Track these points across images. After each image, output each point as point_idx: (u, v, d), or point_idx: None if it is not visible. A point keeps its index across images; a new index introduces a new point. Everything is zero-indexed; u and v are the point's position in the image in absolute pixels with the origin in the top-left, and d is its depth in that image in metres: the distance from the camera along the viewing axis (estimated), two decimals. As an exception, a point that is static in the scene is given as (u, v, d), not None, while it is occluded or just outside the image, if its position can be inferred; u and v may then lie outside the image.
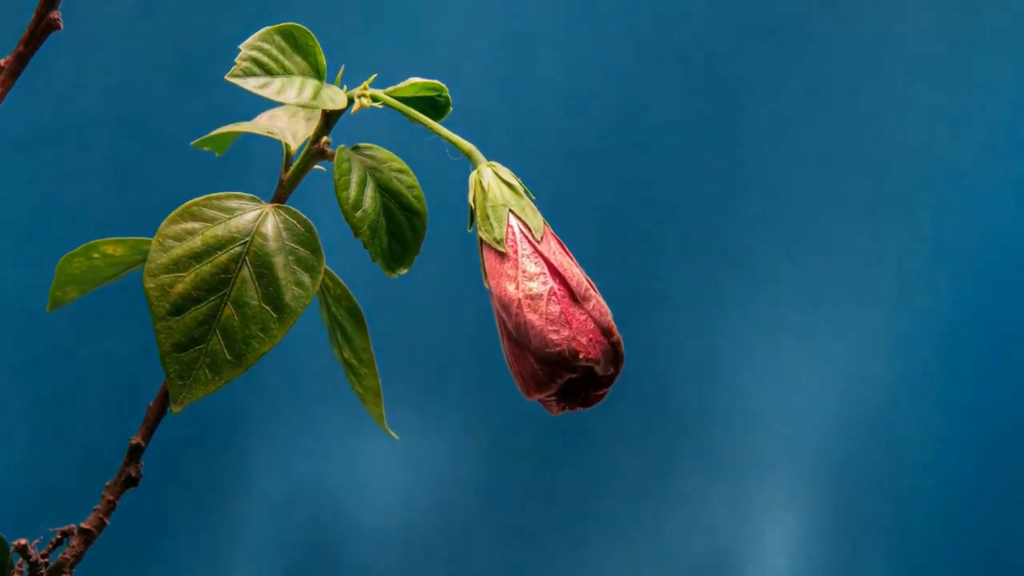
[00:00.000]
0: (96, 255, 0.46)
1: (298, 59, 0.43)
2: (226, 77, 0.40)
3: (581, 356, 0.38)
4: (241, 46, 0.41)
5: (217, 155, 0.53)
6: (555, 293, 0.39)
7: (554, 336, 0.38)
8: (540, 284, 0.39)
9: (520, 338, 0.38)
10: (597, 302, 0.39)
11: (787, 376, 0.87)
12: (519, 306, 0.39)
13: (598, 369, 0.39)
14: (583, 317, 0.39)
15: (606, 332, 0.39)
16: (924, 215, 0.88)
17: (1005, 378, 0.88)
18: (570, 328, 0.38)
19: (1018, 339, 0.88)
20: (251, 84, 0.41)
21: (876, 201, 0.88)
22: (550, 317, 0.38)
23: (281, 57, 0.42)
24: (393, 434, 0.50)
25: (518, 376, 0.40)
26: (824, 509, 0.88)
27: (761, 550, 0.87)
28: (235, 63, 0.41)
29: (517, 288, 0.39)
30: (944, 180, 0.88)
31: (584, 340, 0.38)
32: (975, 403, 0.88)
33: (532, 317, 0.38)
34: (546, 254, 0.40)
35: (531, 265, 0.40)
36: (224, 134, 0.51)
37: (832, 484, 0.88)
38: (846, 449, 0.88)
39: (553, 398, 0.40)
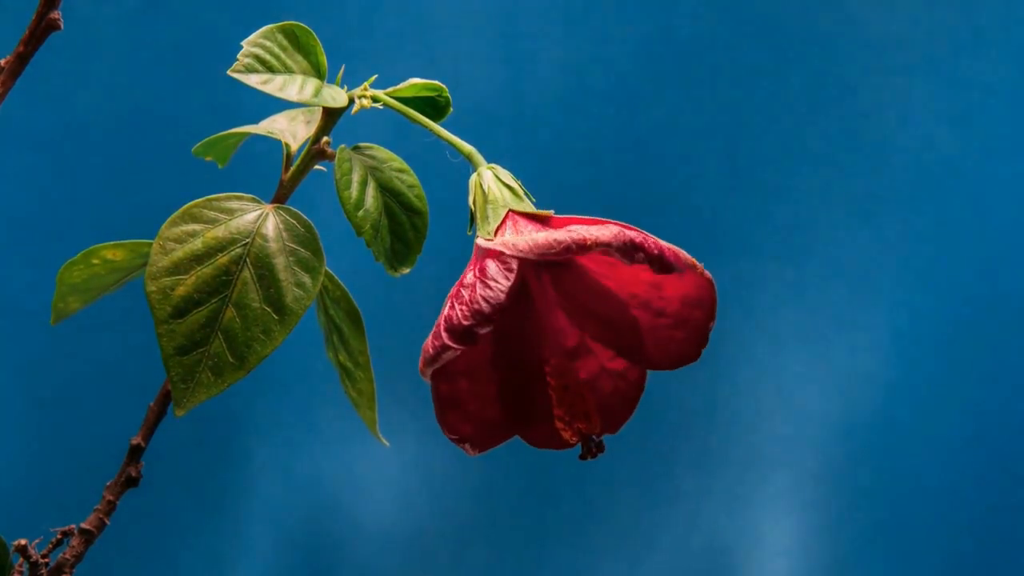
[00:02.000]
0: (96, 261, 0.46)
1: (299, 58, 0.43)
2: (228, 72, 0.40)
3: (589, 242, 0.37)
4: (243, 43, 0.41)
5: (220, 166, 0.53)
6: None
7: (556, 238, 0.37)
8: (538, 232, 0.38)
9: (521, 251, 0.37)
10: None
11: (787, 376, 0.87)
12: (515, 243, 0.38)
13: (617, 255, 0.37)
14: (583, 227, 0.37)
15: (690, 264, 0.38)
16: (924, 215, 0.88)
17: (1005, 378, 0.88)
18: (571, 233, 0.37)
19: (1018, 339, 0.88)
20: (253, 80, 0.41)
21: (876, 201, 0.88)
22: (551, 234, 0.37)
23: (283, 55, 0.42)
24: (384, 440, 0.50)
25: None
26: (824, 509, 0.88)
27: (761, 550, 0.87)
28: (237, 59, 0.41)
29: (517, 236, 0.38)
30: (944, 180, 0.88)
31: (588, 231, 0.37)
32: (975, 403, 0.88)
33: (536, 234, 0.37)
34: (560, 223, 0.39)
35: (530, 228, 0.39)
36: (226, 144, 0.51)
37: (832, 484, 0.88)
38: (846, 449, 0.88)
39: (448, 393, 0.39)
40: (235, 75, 0.40)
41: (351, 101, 0.44)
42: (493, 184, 0.42)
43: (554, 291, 0.41)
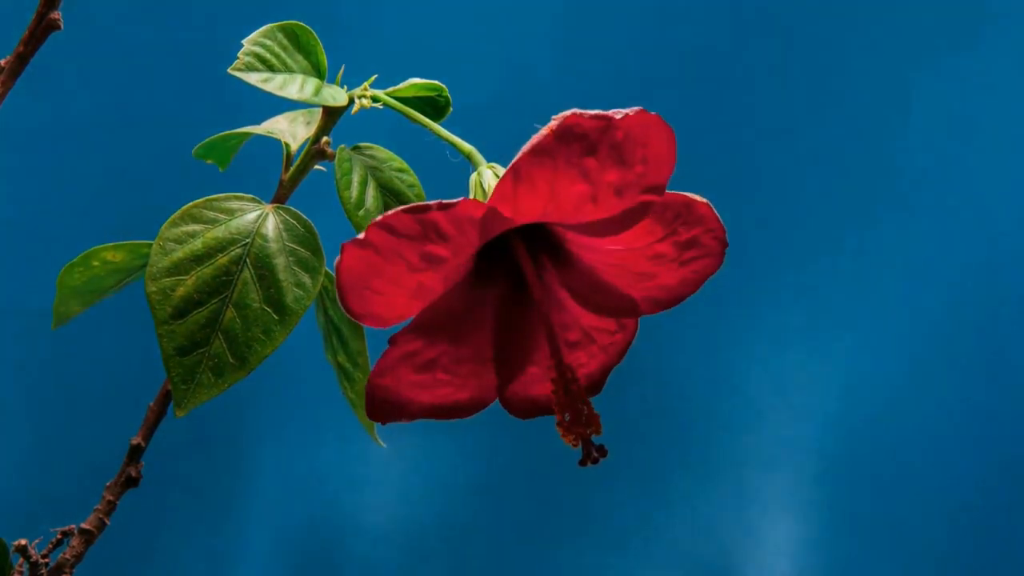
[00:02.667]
0: (96, 263, 0.46)
1: (300, 57, 0.43)
2: (229, 70, 0.40)
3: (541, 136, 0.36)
4: (244, 41, 0.41)
5: (221, 169, 0.52)
6: None
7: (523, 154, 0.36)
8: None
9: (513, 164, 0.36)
10: None
11: (787, 376, 0.87)
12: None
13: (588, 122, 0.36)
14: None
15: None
16: (924, 215, 0.88)
17: (1004, 378, 0.88)
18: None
19: (1017, 339, 0.88)
20: (253, 78, 0.41)
21: (876, 201, 0.88)
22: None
23: (283, 55, 0.42)
24: (381, 442, 0.49)
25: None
26: (824, 509, 0.88)
27: (761, 550, 0.87)
28: (238, 57, 0.41)
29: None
30: (944, 180, 0.88)
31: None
32: (974, 403, 0.88)
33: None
34: None
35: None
36: (227, 145, 0.51)
37: (832, 484, 0.88)
38: (846, 449, 0.88)
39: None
40: (235, 73, 0.40)
41: (351, 101, 0.44)
42: (494, 183, 0.41)
43: (560, 288, 0.41)
